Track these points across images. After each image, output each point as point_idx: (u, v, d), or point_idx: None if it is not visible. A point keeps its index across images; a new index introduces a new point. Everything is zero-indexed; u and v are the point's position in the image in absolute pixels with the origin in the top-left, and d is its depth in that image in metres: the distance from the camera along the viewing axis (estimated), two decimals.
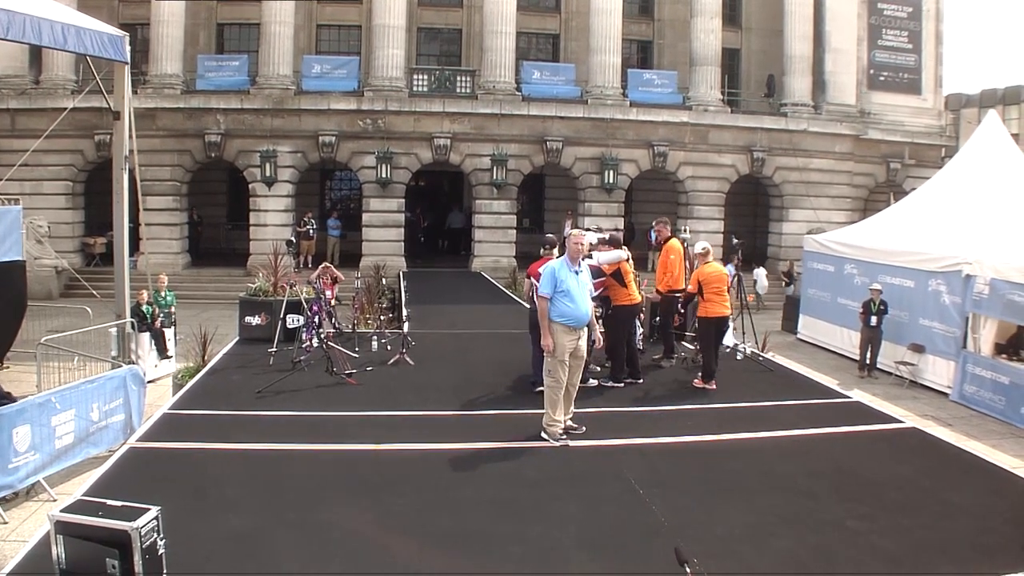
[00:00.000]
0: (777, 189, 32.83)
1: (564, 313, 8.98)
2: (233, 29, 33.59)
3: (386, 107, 29.16)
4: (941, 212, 19.45)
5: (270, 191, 29.03)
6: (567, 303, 8.97)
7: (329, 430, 9.29)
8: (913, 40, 34.56)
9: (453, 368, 12.62)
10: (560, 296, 8.94)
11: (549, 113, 30.37)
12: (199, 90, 29.28)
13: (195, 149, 28.98)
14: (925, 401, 16.48)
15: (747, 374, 12.89)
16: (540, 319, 8.98)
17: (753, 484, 8.03)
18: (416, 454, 8.55)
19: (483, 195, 30.58)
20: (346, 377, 11.43)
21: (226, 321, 18.59)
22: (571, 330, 9.04)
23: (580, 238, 9.51)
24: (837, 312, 21.32)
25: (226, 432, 9.07)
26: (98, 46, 13.23)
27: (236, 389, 10.98)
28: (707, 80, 31.73)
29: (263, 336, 13.79)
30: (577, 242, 9.34)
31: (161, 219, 28.28)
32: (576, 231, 9.96)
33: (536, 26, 34.87)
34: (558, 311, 8.93)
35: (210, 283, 27.77)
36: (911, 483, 8.30)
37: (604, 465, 8.37)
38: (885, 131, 34.06)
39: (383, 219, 29.96)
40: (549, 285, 8.97)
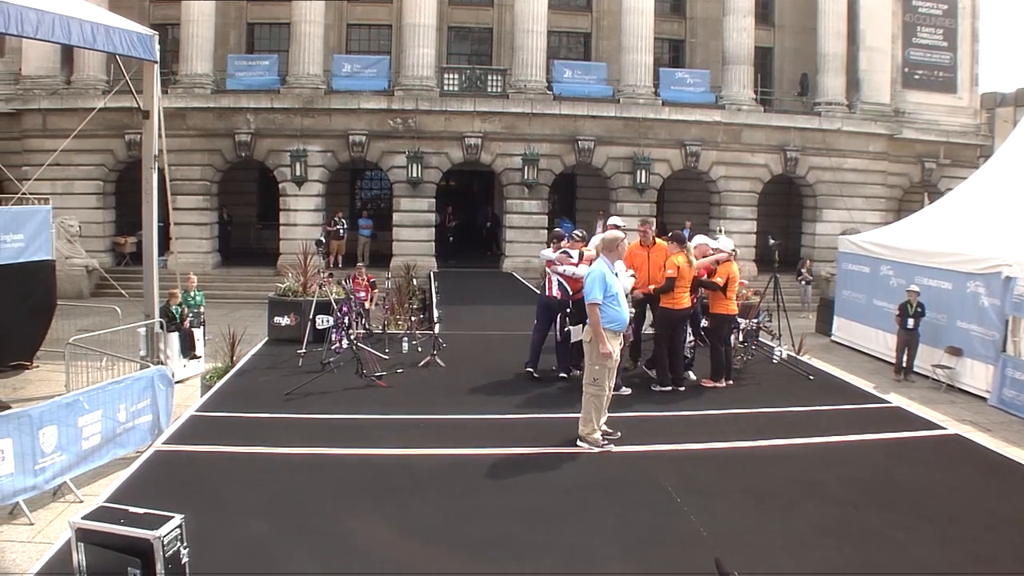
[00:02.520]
0: (811, 189, 32.44)
1: (614, 318, 8.78)
2: (263, 29, 33.66)
3: (416, 106, 29.07)
4: (979, 213, 19.12)
5: (300, 191, 29.04)
6: (615, 307, 8.79)
7: (357, 433, 9.16)
8: (948, 38, 34.02)
9: (484, 370, 12.43)
10: (609, 301, 8.74)
11: (580, 112, 30.16)
12: (229, 90, 29.38)
13: (225, 149, 29.06)
14: (963, 405, 16.17)
15: (784, 378, 12.65)
16: (595, 327, 8.65)
17: (792, 492, 7.82)
18: (445, 459, 8.39)
19: (514, 195, 30.42)
20: (376, 379, 11.31)
21: (255, 321, 18.59)
22: (618, 335, 8.88)
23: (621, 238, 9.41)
24: (872, 314, 21.01)
25: (253, 435, 8.95)
26: (127, 45, 13.23)
27: (264, 391, 10.87)
28: (740, 79, 31.40)
29: (292, 337, 13.68)
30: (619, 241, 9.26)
31: (191, 219, 28.44)
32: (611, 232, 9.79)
33: (567, 25, 34.68)
34: (608, 316, 8.70)
35: (240, 283, 27.85)
36: (954, 492, 8.07)
37: (639, 472, 8.19)
38: (920, 130, 33.53)
39: (413, 219, 29.89)
40: (601, 290, 8.71)
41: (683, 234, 11.92)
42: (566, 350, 11.75)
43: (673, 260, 11.35)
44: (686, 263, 11.30)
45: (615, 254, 9.26)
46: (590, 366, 8.74)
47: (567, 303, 11.63)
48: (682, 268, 11.24)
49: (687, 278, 11.35)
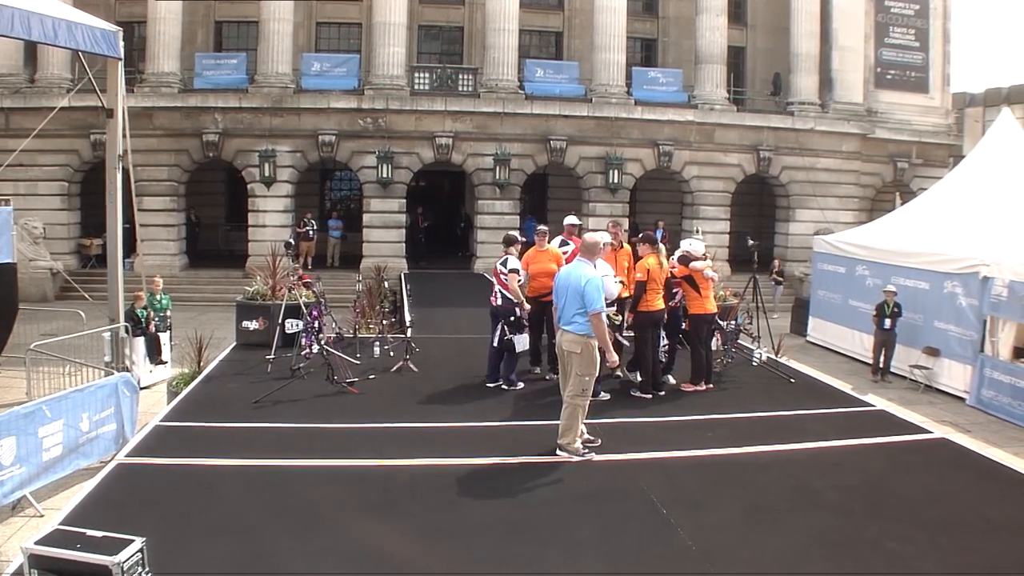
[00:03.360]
0: (784, 189, 32.36)
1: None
2: (231, 27, 33.07)
3: (387, 106, 28.67)
4: (955, 212, 19.04)
5: (269, 191, 28.55)
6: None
7: (330, 444, 8.78)
8: (920, 38, 34.07)
9: (459, 375, 12.09)
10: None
11: (553, 112, 29.87)
12: (197, 89, 28.80)
13: (193, 149, 28.50)
14: (941, 406, 16.08)
15: (765, 381, 12.39)
16: (602, 337, 8.31)
17: (782, 501, 7.57)
18: (423, 470, 8.04)
19: (486, 195, 30.09)
20: (347, 386, 10.91)
21: (224, 324, 18.06)
22: None
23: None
24: (848, 314, 20.91)
25: (221, 446, 8.56)
26: (90, 41, 12.76)
27: (232, 399, 10.46)
28: (713, 78, 31.25)
29: (261, 341, 13.25)
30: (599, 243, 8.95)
31: (158, 220, 27.85)
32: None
33: (539, 24, 34.37)
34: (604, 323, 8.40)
35: (208, 285, 27.30)
36: (947, 498, 7.87)
37: (623, 482, 7.88)
38: (892, 130, 33.54)
39: (384, 220, 29.48)
40: (602, 298, 8.40)
41: (655, 235, 11.62)
42: (508, 360, 11.34)
43: (644, 263, 11.04)
44: (657, 265, 10.99)
45: (596, 256, 8.95)
46: (579, 377, 8.38)
47: (510, 311, 11.23)
48: (652, 270, 10.92)
49: (659, 280, 11.05)
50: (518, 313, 11.23)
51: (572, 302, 8.49)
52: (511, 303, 11.25)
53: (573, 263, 9.01)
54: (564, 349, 8.60)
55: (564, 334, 8.59)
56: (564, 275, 8.87)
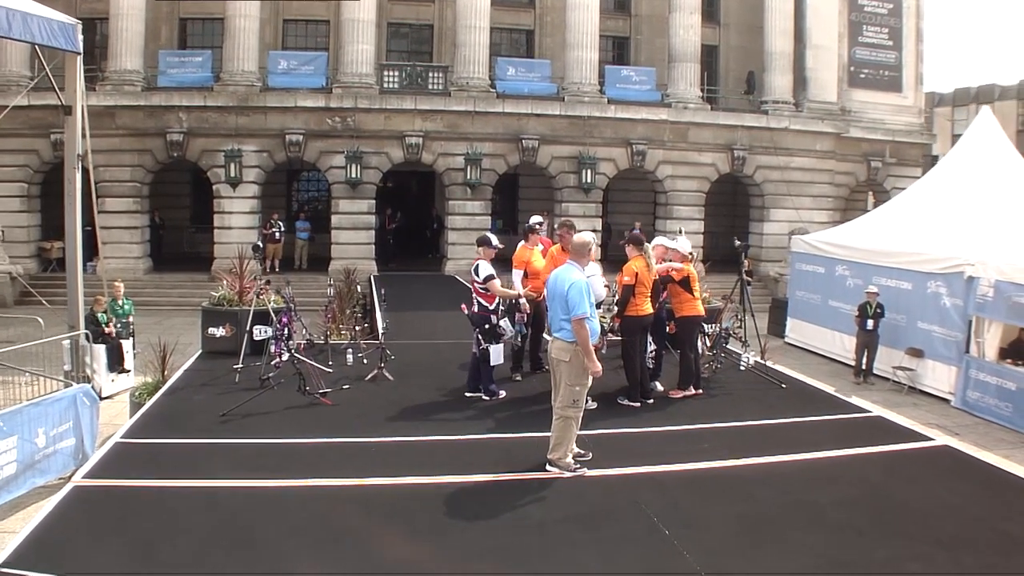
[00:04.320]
0: (758, 188, 32.18)
1: (593, 331, 7.95)
2: (196, 24, 32.36)
3: (356, 105, 28.10)
4: (936, 212, 18.85)
5: (235, 192, 27.89)
6: (592, 320, 7.96)
7: (304, 461, 8.17)
8: (894, 37, 34.05)
9: (437, 384, 11.53)
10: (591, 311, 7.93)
11: (525, 111, 29.46)
12: (160, 87, 28.05)
13: (156, 149, 27.77)
14: (926, 408, 15.84)
15: (754, 387, 11.97)
16: (584, 345, 7.77)
17: (789, 518, 7.12)
18: (405, 490, 7.45)
19: (456, 196, 29.61)
20: (320, 397, 10.31)
21: (189, 329, 17.52)
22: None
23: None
24: (828, 315, 20.66)
25: (187, 465, 7.94)
26: (47, 34, 12.13)
27: (198, 412, 9.82)
28: (686, 77, 30.98)
29: (228, 349, 12.62)
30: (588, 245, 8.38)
31: (121, 222, 27.22)
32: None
33: (510, 21, 33.95)
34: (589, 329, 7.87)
35: (173, 289, 26.63)
36: (960, 511, 7.47)
37: (620, 500, 7.38)
38: (866, 129, 33.53)
39: (353, 221, 28.93)
40: (588, 302, 7.85)
41: (641, 236, 11.13)
42: (484, 370, 10.76)
43: (630, 265, 10.55)
44: (644, 267, 10.52)
45: (585, 259, 8.44)
46: (569, 387, 7.86)
47: (486, 318, 10.65)
48: (640, 273, 10.44)
49: (647, 283, 10.57)
50: (493, 321, 10.67)
51: (559, 308, 8.00)
52: (486, 311, 10.68)
53: (563, 266, 8.47)
54: (552, 357, 8.12)
55: (553, 341, 8.13)
56: (553, 279, 8.34)
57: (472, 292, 10.89)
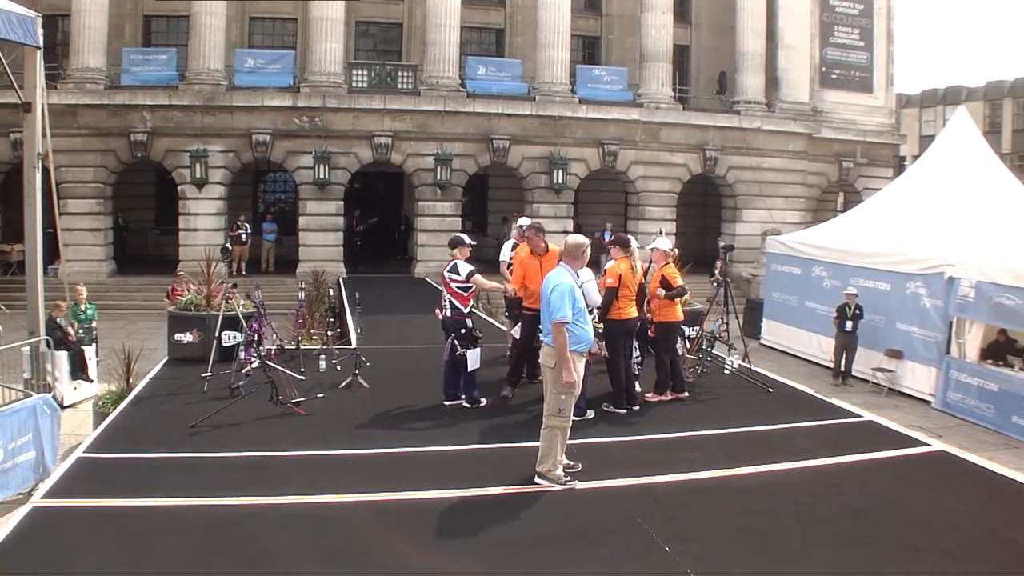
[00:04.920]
0: (730, 189, 32.05)
1: (581, 338, 7.58)
2: (161, 21, 31.64)
3: (324, 104, 27.60)
4: (914, 212, 18.78)
5: (201, 193, 27.27)
6: (583, 325, 7.60)
7: (279, 476, 7.70)
8: (865, 38, 34.13)
9: (414, 391, 11.08)
10: (577, 317, 7.51)
11: (495, 110, 29.10)
12: (124, 85, 27.34)
13: (120, 149, 27.07)
14: (907, 410, 15.70)
15: (741, 391, 11.69)
16: (560, 351, 7.39)
17: (792, 531, 6.80)
18: (388, 507, 7.02)
19: (426, 196, 29.17)
20: (293, 406, 9.84)
21: (154, 334, 17.07)
22: (583, 356, 7.72)
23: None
24: (804, 316, 20.51)
25: (153, 482, 7.44)
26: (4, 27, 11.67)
27: (166, 423, 9.29)
28: (658, 77, 30.78)
29: (196, 355, 12.12)
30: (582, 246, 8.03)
31: (83, 224, 26.55)
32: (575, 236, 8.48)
33: (480, 20, 33.57)
34: (575, 336, 7.46)
35: (137, 292, 25.91)
36: (965, 520, 7.22)
37: (614, 514, 7.01)
38: (837, 130, 33.57)
39: (321, 223, 28.42)
40: (571, 306, 7.46)
41: (628, 237, 10.75)
42: (465, 376, 10.32)
43: (615, 267, 10.21)
44: (629, 269, 10.19)
45: (579, 262, 8.06)
46: (555, 396, 7.47)
47: (461, 323, 10.24)
48: (625, 275, 10.11)
49: (631, 286, 10.24)
50: (469, 325, 10.27)
51: (546, 312, 7.63)
52: (461, 314, 10.27)
53: (555, 270, 8.08)
54: (540, 363, 7.77)
55: (543, 347, 7.74)
56: (545, 282, 7.93)
57: (445, 295, 10.43)
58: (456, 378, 10.33)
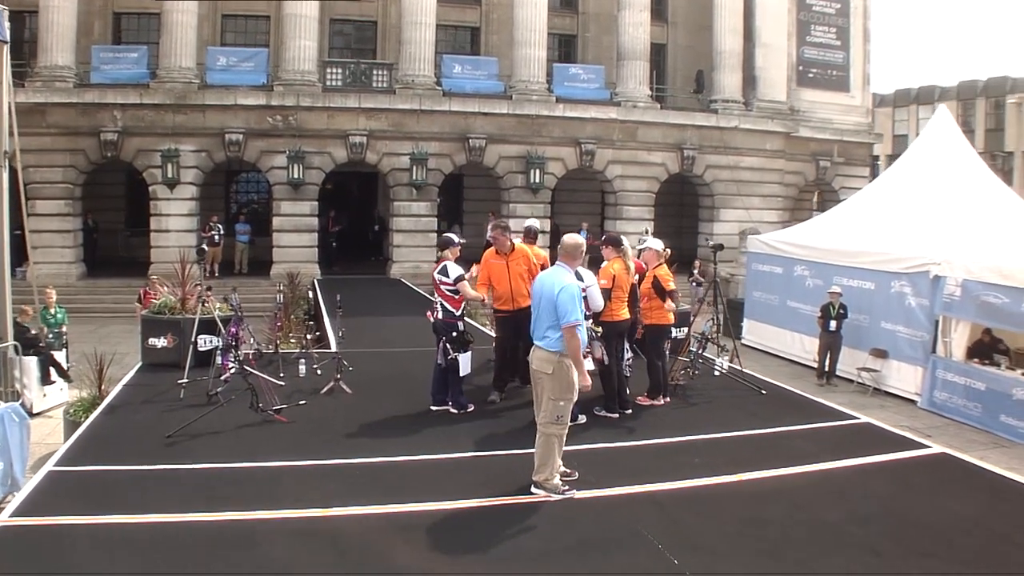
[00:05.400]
0: (708, 188, 31.93)
1: (582, 341, 7.28)
2: (131, 19, 31.04)
3: (298, 102, 27.16)
4: (897, 211, 18.66)
5: (172, 194, 26.71)
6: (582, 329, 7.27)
7: (261, 489, 7.31)
8: (841, 37, 34.18)
9: (399, 396, 10.73)
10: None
11: (472, 109, 28.80)
12: (94, 84, 26.68)
13: (89, 148, 26.46)
14: (894, 410, 15.55)
15: (734, 393, 11.45)
16: (575, 355, 7.12)
17: (801, 539, 6.56)
18: (378, 520, 6.66)
19: (402, 197, 28.81)
20: (274, 413, 9.43)
21: (126, 338, 16.69)
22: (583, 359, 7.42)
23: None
24: (786, 316, 20.35)
25: (130, 497, 7.03)
26: None
27: (141, 433, 8.85)
28: (636, 75, 30.60)
29: (170, 361, 11.69)
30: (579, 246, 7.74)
31: (52, 225, 25.91)
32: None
33: (455, 18, 33.21)
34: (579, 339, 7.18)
35: (108, 295, 25.35)
36: (976, 525, 7.01)
37: (617, 525, 6.70)
38: (815, 129, 33.58)
39: (295, 223, 27.96)
40: (580, 309, 7.19)
41: (620, 237, 10.46)
42: (453, 381, 10.01)
43: (607, 268, 9.93)
44: (622, 270, 9.92)
45: (578, 261, 7.76)
46: (554, 402, 7.15)
47: (453, 326, 9.91)
48: (618, 276, 9.84)
49: (624, 287, 9.96)
50: (460, 328, 9.94)
51: (545, 314, 7.29)
52: (453, 317, 9.94)
53: (551, 269, 7.78)
54: (534, 368, 7.38)
55: (536, 351, 7.38)
56: (539, 283, 7.65)
57: (436, 297, 10.10)
58: (445, 383, 9.99)
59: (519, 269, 10.43)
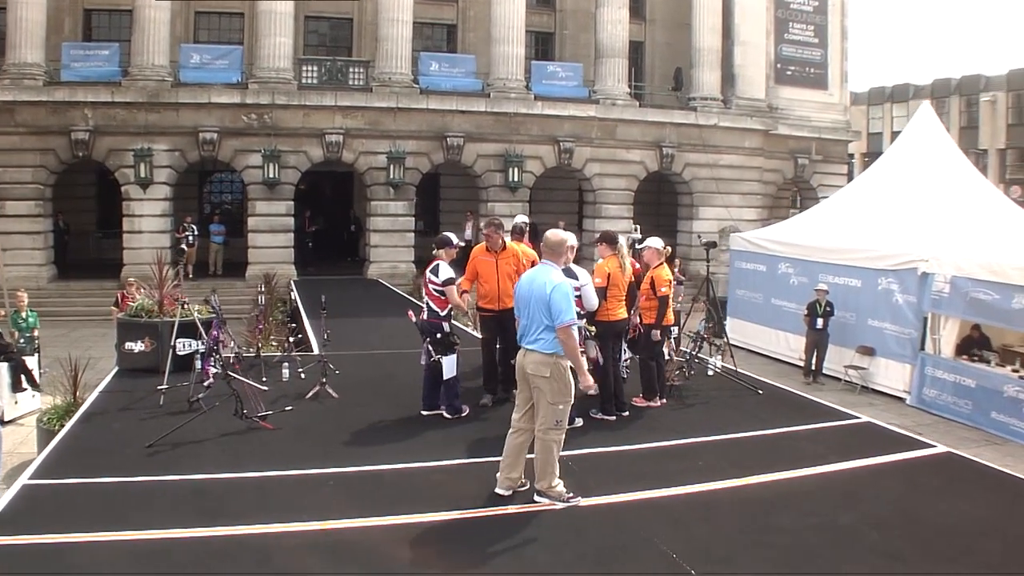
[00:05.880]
0: (687, 186, 31.74)
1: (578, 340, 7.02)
2: (102, 15, 30.35)
3: (273, 101, 26.65)
4: (882, 208, 18.54)
5: (145, 194, 26.08)
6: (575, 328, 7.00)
7: (252, 501, 6.95)
8: (819, 34, 34.16)
9: (387, 400, 10.40)
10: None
11: (449, 107, 28.42)
12: (64, 82, 25.99)
13: (60, 148, 25.77)
14: (882, 407, 15.41)
15: (730, 393, 11.25)
16: (573, 355, 6.87)
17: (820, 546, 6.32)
18: (378, 533, 6.31)
19: (379, 196, 28.40)
20: (260, 420, 9.05)
21: (99, 342, 16.39)
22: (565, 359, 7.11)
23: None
24: (770, 314, 20.17)
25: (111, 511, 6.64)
26: None
27: (120, 442, 8.44)
28: (614, 72, 30.35)
29: (148, 366, 11.29)
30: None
31: (22, 227, 25.24)
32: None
33: (431, 16, 32.77)
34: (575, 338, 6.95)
35: (79, 298, 24.77)
36: (994, 528, 6.84)
37: (627, 533, 6.42)
38: (793, 126, 33.51)
39: (270, 223, 27.44)
40: (573, 309, 6.94)
41: (616, 234, 10.19)
42: (446, 384, 9.62)
43: (603, 266, 9.70)
44: (617, 268, 9.66)
45: (562, 258, 7.45)
46: (552, 407, 6.87)
47: (438, 327, 9.56)
48: (613, 275, 9.59)
49: (620, 286, 9.70)
50: (445, 329, 9.58)
51: (537, 315, 6.97)
52: (438, 318, 9.58)
53: (537, 268, 7.49)
54: (529, 372, 7.00)
55: (528, 354, 7.03)
56: (526, 283, 7.32)
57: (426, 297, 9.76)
58: (436, 387, 9.65)
59: (508, 268, 10.13)
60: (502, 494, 7.08)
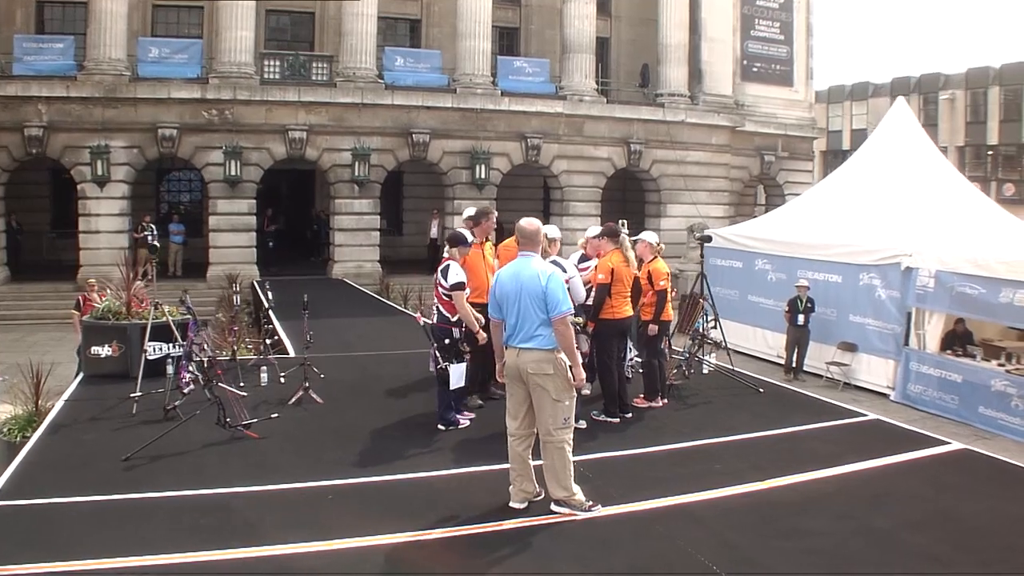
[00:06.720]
0: (655, 183, 31.55)
1: None
2: (55, 8, 29.30)
3: (234, 96, 25.91)
4: (860, 203, 18.35)
5: (102, 192, 25.19)
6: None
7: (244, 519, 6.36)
8: (785, 31, 34.30)
9: (375, 404, 9.87)
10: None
11: (415, 103, 27.90)
12: (16, 76, 25.03)
13: (12, 145, 24.81)
14: (866, 404, 14.99)
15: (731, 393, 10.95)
16: (569, 350, 6.46)
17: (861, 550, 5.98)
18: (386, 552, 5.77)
19: (343, 194, 27.79)
20: (244, 429, 8.45)
21: (56, 346, 15.78)
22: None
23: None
24: (747, 311, 19.88)
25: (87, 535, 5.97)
26: None
27: (93, 456, 7.78)
28: (581, 68, 30.05)
29: (117, 371, 10.67)
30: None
31: None
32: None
33: (395, 11, 32.12)
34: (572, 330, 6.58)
35: (34, 301, 23.96)
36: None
37: (656, 542, 6.00)
38: (759, 123, 33.57)
39: (232, 223, 26.69)
40: (569, 299, 6.52)
41: (618, 227, 9.75)
42: (441, 394, 9.00)
43: (606, 261, 9.27)
44: (622, 262, 9.24)
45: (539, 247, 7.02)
46: (559, 404, 6.44)
47: (447, 332, 8.88)
48: (617, 270, 9.16)
49: (625, 282, 9.27)
50: (455, 335, 8.86)
51: (530, 310, 6.51)
52: (448, 322, 8.87)
53: (517, 260, 6.92)
54: (530, 372, 6.49)
55: (523, 353, 6.53)
56: (509, 277, 6.78)
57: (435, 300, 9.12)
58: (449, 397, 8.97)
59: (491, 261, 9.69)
60: (517, 507, 6.60)
